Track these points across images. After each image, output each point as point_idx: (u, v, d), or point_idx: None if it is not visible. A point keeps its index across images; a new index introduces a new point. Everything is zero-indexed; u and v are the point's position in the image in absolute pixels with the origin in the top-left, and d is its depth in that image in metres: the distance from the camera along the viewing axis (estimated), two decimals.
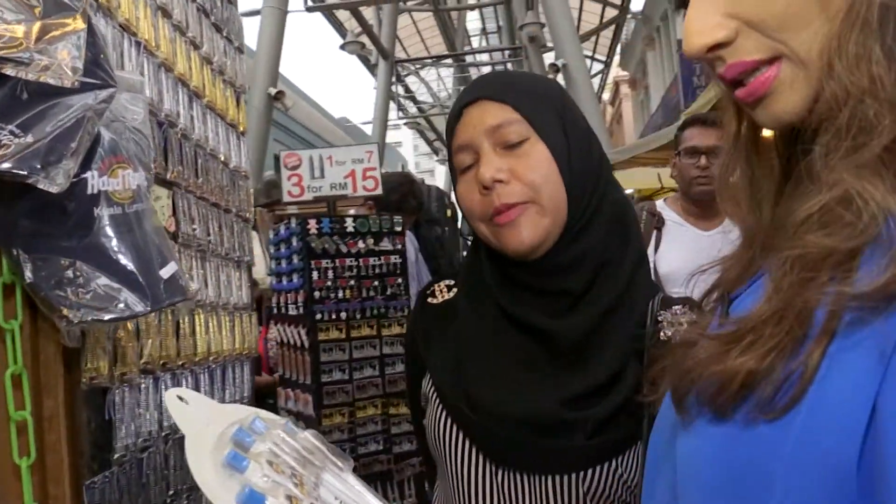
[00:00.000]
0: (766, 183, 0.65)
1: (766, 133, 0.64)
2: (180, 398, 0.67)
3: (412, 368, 1.10)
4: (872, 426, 0.40)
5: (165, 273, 0.95)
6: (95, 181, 0.92)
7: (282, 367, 2.98)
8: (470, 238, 1.11)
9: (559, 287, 0.91)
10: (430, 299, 1.08)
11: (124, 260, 0.92)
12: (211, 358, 1.52)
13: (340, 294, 2.82)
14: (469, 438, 0.93)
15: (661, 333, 0.89)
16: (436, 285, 1.10)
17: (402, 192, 3.65)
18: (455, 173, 0.96)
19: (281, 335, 2.95)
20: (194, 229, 1.51)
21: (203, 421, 0.63)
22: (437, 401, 0.98)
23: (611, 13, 20.20)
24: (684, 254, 2.39)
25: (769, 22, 0.51)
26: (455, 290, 1.06)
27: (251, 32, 10.85)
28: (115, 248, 0.92)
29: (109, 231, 0.93)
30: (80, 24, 0.85)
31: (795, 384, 0.44)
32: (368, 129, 20.11)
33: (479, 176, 0.90)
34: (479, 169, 0.90)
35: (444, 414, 0.96)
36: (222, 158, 1.76)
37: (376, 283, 2.91)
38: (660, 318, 0.90)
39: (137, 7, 1.32)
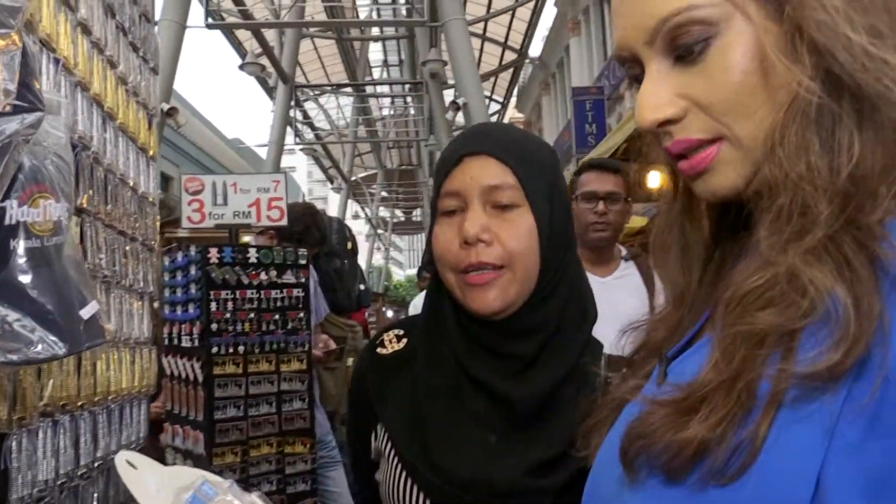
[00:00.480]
0: (697, 248, 0.68)
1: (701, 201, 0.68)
2: (130, 463, 0.62)
3: (360, 418, 1.07)
4: (817, 497, 0.43)
5: (86, 313, 0.89)
6: (14, 211, 0.85)
7: (170, 402, 2.82)
8: (426, 275, 1.09)
9: (513, 351, 0.92)
10: (379, 349, 1.05)
11: (41, 298, 0.85)
12: (110, 397, 1.42)
13: (239, 327, 2.71)
14: (430, 500, 0.91)
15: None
16: (385, 335, 1.07)
17: (306, 224, 3.58)
18: (436, 213, 0.96)
19: (171, 368, 2.80)
20: (101, 259, 1.42)
21: (154, 486, 0.59)
22: (395, 458, 0.96)
23: (510, 56, 20.87)
24: None
25: (717, 106, 0.54)
26: (405, 340, 1.05)
27: None
28: (32, 285, 0.85)
29: (26, 266, 0.86)
30: (15, 42, 0.79)
31: (745, 452, 0.47)
32: (262, 152, 19.71)
33: (463, 229, 0.90)
34: (466, 222, 0.90)
35: (402, 472, 0.94)
36: (131, 184, 1.68)
37: (277, 316, 2.82)
38: (609, 380, 0.92)
39: (59, 23, 1.25)
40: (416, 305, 6.63)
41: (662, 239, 0.70)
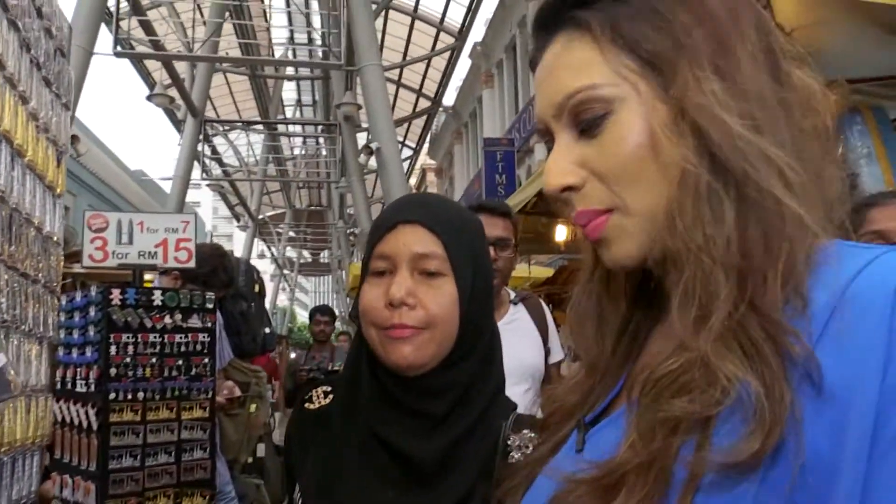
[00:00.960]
0: (613, 317, 0.71)
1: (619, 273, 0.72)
2: None
3: (288, 473, 1.10)
4: None
5: None
6: None
7: (59, 450, 2.66)
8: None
9: (425, 409, 0.96)
10: (307, 405, 1.09)
11: None
12: (3, 449, 1.34)
13: (140, 372, 2.61)
14: None
15: (510, 456, 0.95)
16: (314, 391, 1.11)
17: (213, 266, 3.50)
18: (366, 271, 1.01)
19: (63, 413, 2.65)
20: (1, 303, 1.35)
21: None
22: None
23: (424, 103, 21.20)
24: None
25: (610, 177, 0.59)
26: (331, 396, 1.08)
27: None
28: None
29: None
30: None
31: None
32: (166, 185, 19.15)
33: (390, 292, 0.95)
34: (393, 286, 0.95)
35: None
36: (36, 223, 1.61)
37: (180, 361, 2.72)
38: (509, 442, 0.96)
39: None
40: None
41: (579, 308, 0.73)
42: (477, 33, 22.06)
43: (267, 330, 5.46)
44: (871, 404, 0.43)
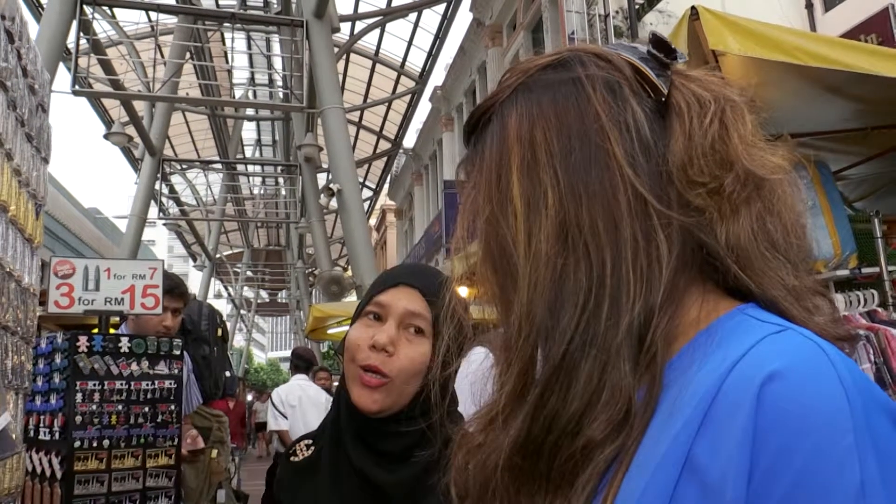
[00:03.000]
0: None
1: None
2: None
3: None
4: None
5: None
6: None
7: (20, 500, 2.62)
8: (341, 356, 1.24)
9: (385, 448, 1.11)
10: (292, 458, 1.20)
11: None
12: None
13: (105, 419, 2.60)
14: None
15: None
16: (297, 445, 1.22)
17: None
18: (360, 312, 1.16)
19: (26, 463, 2.61)
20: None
21: None
22: None
23: (385, 145, 21.39)
24: None
25: None
26: (313, 448, 1.20)
27: None
28: None
29: None
30: None
31: None
32: (120, 224, 18.87)
33: (376, 337, 1.10)
34: (380, 332, 1.10)
35: None
36: (16, 276, 1.64)
37: (147, 408, 2.72)
38: None
39: None
40: (280, 394, 6.33)
41: None
42: (437, 77, 22.46)
43: (227, 374, 5.42)
44: (741, 501, 0.45)
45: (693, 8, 2.66)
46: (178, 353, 2.86)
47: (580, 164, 0.59)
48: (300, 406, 6.10)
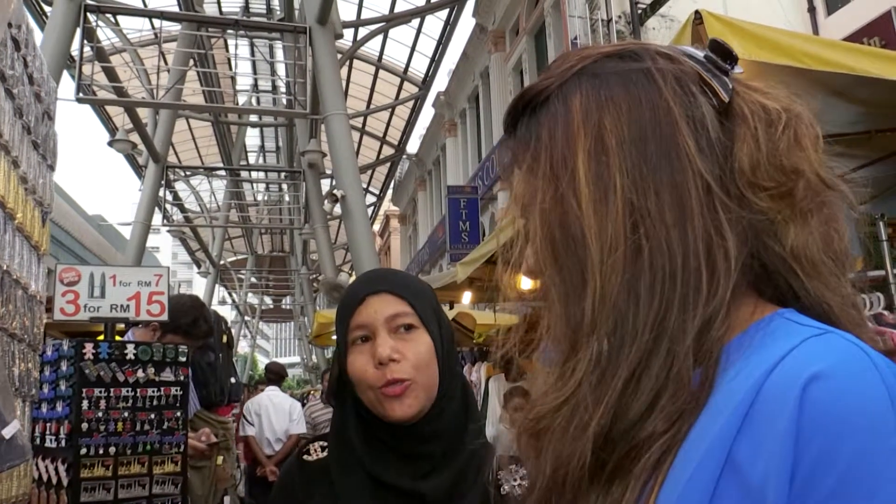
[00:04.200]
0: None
1: None
2: None
3: None
4: None
5: (7, 433, 0.89)
6: None
7: None
8: (332, 402, 1.21)
9: (424, 451, 1.09)
10: (305, 457, 1.19)
11: None
12: None
13: (112, 426, 2.60)
14: None
15: (502, 489, 1.11)
16: (311, 445, 1.21)
17: (194, 316, 3.49)
18: (346, 345, 1.13)
19: (32, 470, 2.61)
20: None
21: None
22: None
23: (388, 150, 21.41)
24: None
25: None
26: (327, 451, 1.18)
27: None
28: None
29: None
30: None
31: None
32: (124, 231, 18.92)
33: (377, 353, 1.08)
34: (378, 348, 1.09)
35: None
36: (23, 283, 1.64)
37: (153, 415, 2.72)
38: (499, 476, 1.12)
39: None
40: (249, 405, 7.11)
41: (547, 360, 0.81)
42: (440, 83, 22.51)
43: (233, 380, 5.43)
44: (783, 501, 0.46)
45: (697, 12, 2.66)
46: (183, 359, 2.87)
47: (651, 153, 0.60)
48: (265, 414, 6.95)
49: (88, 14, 9.40)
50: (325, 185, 16.48)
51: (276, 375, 7.77)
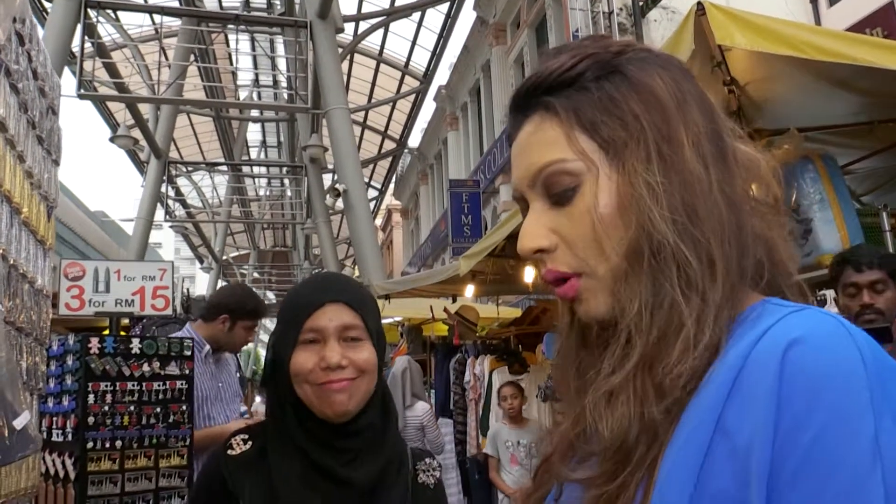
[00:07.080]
0: (590, 369, 0.77)
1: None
2: None
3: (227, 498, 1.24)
4: None
5: (18, 423, 0.90)
6: None
7: (32, 501, 2.64)
8: (268, 387, 1.29)
9: (349, 446, 1.21)
10: (230, 451, 1.26)
11: None
12: (1, 501, 1.36)
13: (118, 420, 2.61)
14: None
15: (419, 478, 1.30)
16: (233, 439, 1.29)
17: (254, 298, 3.40)
18: (295, 343, 1.22)
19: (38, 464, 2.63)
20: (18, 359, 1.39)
21: None
22: None
23: (390, 144, 21.40)
24: None
25: (576, 244, 0.67)
26: (251, 443, 1.26)
27: None
28: None
29: None
30: None
31: None
32: (127, 227, 18.93)
33: (326, 357, 1.19)
34: (327, 352, 1.20)
35: None
36: (30, 277, 1.65)
37: (158, 409, 2.73)
38: (417, 467, 1.32)
39: None
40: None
41: (561, 361, 0.79)
42: (441, 77, 22.46)
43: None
44: (766, 459, 0.50)
45: (699, 3, 2.66)
46: (188, 353, 2.87)
47: (714, 146, 0.66)
48: None
49: (89, 10, 9.41)
50: (327, 179, 16.50)
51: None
